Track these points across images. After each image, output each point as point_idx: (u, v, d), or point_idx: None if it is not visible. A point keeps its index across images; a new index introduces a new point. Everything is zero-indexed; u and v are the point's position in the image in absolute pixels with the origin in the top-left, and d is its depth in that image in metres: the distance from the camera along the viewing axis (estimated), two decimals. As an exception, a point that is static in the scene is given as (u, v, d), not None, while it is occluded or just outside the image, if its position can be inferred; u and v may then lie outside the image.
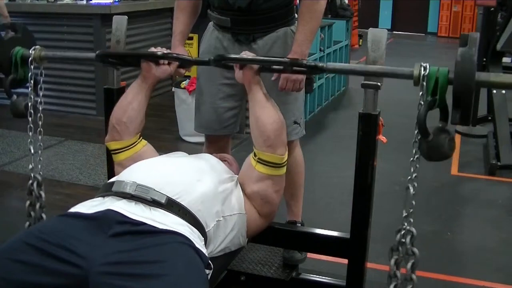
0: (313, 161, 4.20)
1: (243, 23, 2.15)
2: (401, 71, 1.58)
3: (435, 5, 12.97)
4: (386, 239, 1.70)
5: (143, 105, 1.91)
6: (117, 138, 1.87)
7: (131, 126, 1.87)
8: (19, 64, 1.93)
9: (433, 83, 1.43)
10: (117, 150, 1.87)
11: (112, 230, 1.39)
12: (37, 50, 1.94)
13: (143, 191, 1.51)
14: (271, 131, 1.77)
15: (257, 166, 1.78)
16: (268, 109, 1.81)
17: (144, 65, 1.91)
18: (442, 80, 1.43)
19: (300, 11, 2.13)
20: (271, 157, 1.77)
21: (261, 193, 1.78)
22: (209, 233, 1.57)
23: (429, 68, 1.47)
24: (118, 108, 1.90)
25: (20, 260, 1.34)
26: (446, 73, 1.44)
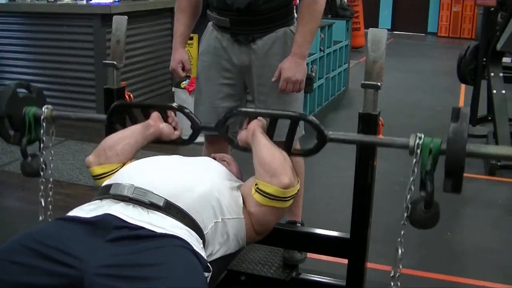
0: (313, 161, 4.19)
1: (242, 24, 2.15)
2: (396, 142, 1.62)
3: (435, 5, 12.97)
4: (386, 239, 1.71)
5: (138, 145, 1.87)
6: (103, 162, 1.81)
7: (121, 156, 1.82)
8: (32, 124, 1.93)
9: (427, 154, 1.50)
10: (100, 175, 1.81)
11: (110, 235, 1.39)
12: (48, 110, 1.94)
13: (141, 194, 1.51)
14: (273, 162, 1.68)
15: (255, 194, 1.68)
16: (272, 149, 1.73)
17: (153, 114, 1.91)
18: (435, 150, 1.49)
19: (299, 12, 2.14)
20: (272, 189, 1.65)
21: (256, 217, 1.71)
22: (208, 235, 1.57)
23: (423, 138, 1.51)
24: (115, 136, 1.87)
25: (17, 261, 1.34)
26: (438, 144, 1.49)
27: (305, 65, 2.16)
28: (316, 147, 1.75)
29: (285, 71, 2.10)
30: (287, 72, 2.09)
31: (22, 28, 5.46)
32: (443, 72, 7.77)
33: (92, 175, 1.84)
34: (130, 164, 1.75)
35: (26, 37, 5.57)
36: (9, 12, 5.54)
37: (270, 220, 1.74)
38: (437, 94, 6.68)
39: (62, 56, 5.42)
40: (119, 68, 2.06)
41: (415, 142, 1.51)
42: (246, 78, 2.26)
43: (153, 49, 5.85)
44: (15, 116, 1.92)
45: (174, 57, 2.31)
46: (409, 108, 6.00)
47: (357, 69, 7.38)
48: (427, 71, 8.46)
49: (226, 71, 2.24)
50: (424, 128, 1.59)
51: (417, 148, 1.51)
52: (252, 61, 2.21)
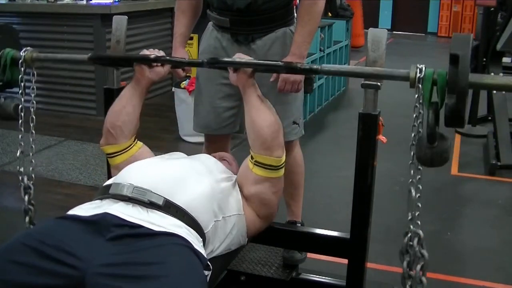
0: (313, 161, 4.20)
1: (242, 24, 2.15)
2: (396, 73, 1.57)
3: (435, 5, 12.96)
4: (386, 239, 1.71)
5: (137, 108, 1.89)
6: (112, 142, 1.86)
7: (126, 130, 1.85)
8: (7, 66, 1.89)
9: (429, 86, 1.43)
10: (113, 154, 1.87)
11: (110, 234, 1.39)
12: (28, 52, 1.90)
13: (140, 193, 1.51)
14: (267, 133, 1.75)
15: (254, 168, 1.77)
16: (264, 112, 1.79)
17: (137, 68, 1.90)
18: (441, 82, 1.43)
19: (299, 13, 2.14)
20: (268, 160, 1.76)
21: (259, 195, 1.77)
22: (208, 234, 1.57)
23: (425, 70, 1.47)
24: (112, 112, 1.88)
25: (17, 261, 1.34)
26: (444, 75, 1.43)
27: None
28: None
29: None
30: None
31: (22, 28, 5.46)
32: (443, 72, 7.76)
33: (105, 153, 1.89)
34: (130, 165, 1.75)
35: (26, 37, 5.57)
36: (9, 12, 5.54)
37: (272, 196, 1.79)
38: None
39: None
40: (119, 68, 2.06)
41: (415, 74, 1.46)
42: None
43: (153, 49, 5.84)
44: None
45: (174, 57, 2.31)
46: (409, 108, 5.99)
47: (357, 69, 7.36)
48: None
49: (225, 71, 2.24)
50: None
51: (417, 81, 1.45)
52: None
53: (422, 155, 1.44)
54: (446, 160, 1.43)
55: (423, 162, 1.45)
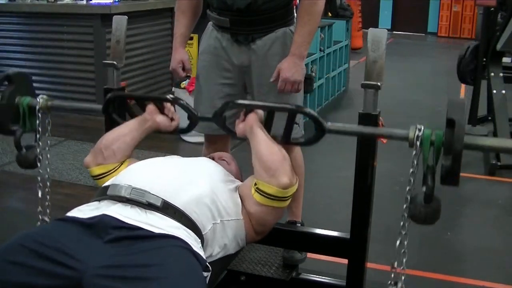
0: (313, 161, 4.20)
1: (242, 24, 2.15)
2: (396, 133, 1.59)
3: (435, 5, 12.97)
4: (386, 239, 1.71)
5: (135, 141, 1.85)
6: (100, 162, 1.80)
7: (118, 155, 1.81)
8: (27, 115, 1.88)
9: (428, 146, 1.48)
10: (100, 176, 1.80)
11: (108, 236, 1.39)
12: (44, 100, 1.89)
13: (139, 194, 1.51)
14: (272, 160, 1.67)
15: (255, 194, 1.68)
16: (271, 145, 1.72)
17: (149, 107, 1.87)
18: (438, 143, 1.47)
19: (299, 13, 2.14)
20: (271, 189, 1.66)
21: (257, 217, 1.71)
22: (206, 235, 1.56)
23: (423, 131, 1.49)
24: (110, 134, 1.85)
25: (15, 261, 1.34)
26: (441, 137, 1.46)
27: (303, 65, 2.17)
28: (314, 137, 1.73)
29: (283, 71, 2.10)
30: (286, 72, 2.10)
31: (22, 28, 5.47)
32: (443, 72, 7.77)
33: (92, 175, 1.84)
34: (128, 166, 1.74)
35: (26, 37, 5.57)
36: (9, 12, 5.54)
37: (270, 220, 1.74)
38: (437, 94, 6.67)
39: (62, 56, 5.42)
40: (119, 68, 2.06)
41: (414, 134, 1.49)
42: (246, 78, 2.26)
43: (153, 49, 5.85)
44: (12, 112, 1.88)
45: (174, 57, 2.31)
46: (409, 108, 6.00)
47: (357, 69, 7.37)
48: (427, 71, 8.46)
49: (226, 71, 2.25)
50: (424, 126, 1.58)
51: (416, 140, 1.48)
52: (251, 61, 2.21)
53: (417, 213, 1.48)
54: (437, 219, 1.49)
55: (416, 219, 1.49)
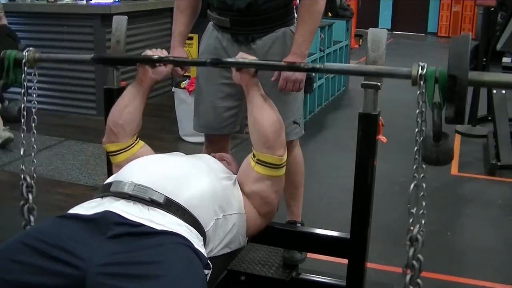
0: (313, 161, 4.20)
1: (242, 24, 2.15)
2: (398, 71, 1.57)
3: (435, 5, 12.97)
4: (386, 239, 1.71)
5: (139, 108, 1.91)
6: (114, 140, 1.88)
7: (128, 128, 1.87)
8: (11, 68, 1.89)
9: (432, 84, 1.44)
10: (115, 152, 1.88)
11: (110, 232, 1.39)
12: (31, 52, 1.89)
13: (141, 191, 1.51)
14: (269, 132, 1.77)
15: (256, 167, 1.78)
16: (267, 111, 1.81)
17: (140, 69, 1.91)
18: (442, 80, 1.43)
19: (299, 12, 2.13)
20: (270, 158, 1.77)
21: (260, 194, 1.78)
22: (208, 232, 1.57)
23: (426, 67, 1.47)
24: (114, 111, 1.90)
25: (17, 260, 1.34)
26: (446, 74, 1.43)
27: None
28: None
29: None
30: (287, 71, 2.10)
31: (22, 28, 5.46)
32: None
33: (107, 151, 1.90)
34: (131, 162, 1.75)
35: (26, 37, 5.57)
36: (9, 12, 5.52)
37: (273, 194, 1.81)
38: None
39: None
40: (119, 68, 2.06)
41: (417, 71, 1.46)
42: None
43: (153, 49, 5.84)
44: None
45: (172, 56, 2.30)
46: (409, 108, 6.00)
47: (357, 69, 7.37)
48: (427, 71, 8.43)
49: (226, 71, 2.24)
50: None
51: (419, 79, 1.45)
52: None
53: (429, 154, 1.44)
54: (451, 158, 1.45)
55: (429, 161, 1.45)
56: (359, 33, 10.20)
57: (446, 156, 1.44)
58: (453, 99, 1.39)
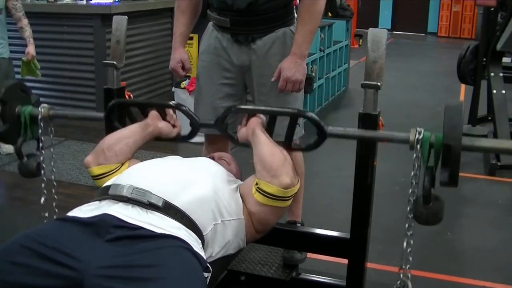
0: (313, 161, 4.20)
1: (242, 24, 2.15)
2: (397, 136, 1.62)
3: (435, 5, 12.97)
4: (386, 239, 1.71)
5: (137, 146, 1.85)
6: (102, 162, 1.80)
7: (120, 157, 1.81)
8: (28, 124, 1.90)
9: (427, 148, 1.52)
10: (100, 176, 1.80)
11: (109, 235, 1.38)
12: (45, 109, 1.90)
13: (140, 194, 1.51)
14: (273, 160, 1.68)
15: (256, 194, 1.68)
16: (273, 147, 1.73)
17: (151, 113, 1.89)
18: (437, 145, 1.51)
19: (299, 12, 2.14)
20: (272, 188, 1.66)
21: (257, 216, 1.71)
22: (207, 236, 1.56)
23: (423, 133, 1.53)
24: (113, 136, 1.86)
25: (16, 262, 1.34)
26: (441, 139, 1.49)
27: (304, 65, 2.17)
28: (316, 142, 1.75)
29: (284, 71, 2.10)
30: (287, 71, 2.10)
31: (22, 28, 5.45)
32: (443, 72, 7.77)
33: (92, 175, 1.83)
34: (130, 166, 1.74)
35: (26, 37, 5.57)
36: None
37: (271, 219, 1.74)
38: (437, 94, 6.68)
39: (62, 56, 5.42)
40: (119, 68, 2.06)
41: (415, 136, 1.53)
42: (246, 78, 2.26)
43: (153, 49, 5.85)
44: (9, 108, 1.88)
45: (173, 56, 2.31)
46: (409, 108, 6.00)
47: (357, 69, 7.38)
48: (427, 71, 8.45)
49: (226, 71, 2.25)
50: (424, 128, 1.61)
51: (417, 143, 1.52)
52: (252, 61, 2.21)
53: (418, 214, 1.53)
54: (440, 219, 1.54)
55: (418, 221, 1.54)
56: (359, 33, 10.21)
57: (435, 218, 1.53)
58: (447, 165, 1.47)
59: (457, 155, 1.45)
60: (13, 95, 1.90)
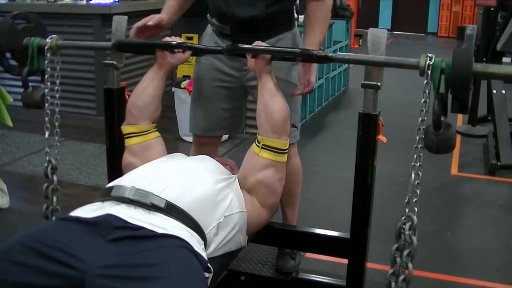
0: (313, 161, 4.20)
1: (243, 32, 2.09)
2: (407, 62, 1.63)
3: (435, 5, 12.97)
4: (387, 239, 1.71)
5: (158, 91, 1.96)
6: (132, 122, 1.92)
7: (146, 111, 1.92)
8: (35, 54, 1.95)
9: (438, 74, 1.50)
10: (130, 134, 1.92)
11: (111, 235, 1.39)
12: (53, 39, 1.97)
13: (142, 196, 1.51)
14: (278, 117, 1.81)
15: (261, 152, 1.80)
16: (277, 98, 1.84)
17: (159, 53, 1.96)
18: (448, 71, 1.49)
19: (308, 14, 2.10)
20: (276, 143, 1.80)
21: (266, 181, 1.80)
22: (209, 235, 1.57)
23: (434, 58, 1.52)
24: (134, 93, 1.96)
25: (17, 261, 1.34)
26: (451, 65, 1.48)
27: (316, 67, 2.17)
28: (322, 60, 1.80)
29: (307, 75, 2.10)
30: (311, 76, 2.11)
31: (22, 28, 5.46)
32: (443, 72, 7.76)
33: (123, 133, 1.94)
34: (133, 169, 1.76)
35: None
36: (9, 12, 5.52)
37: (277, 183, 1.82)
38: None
39: (62, 56, 5.40)
40: (119, 68, 2.06)
41: (425, 62, 1.53)
42: (247, 79, 2.22)
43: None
44: (17, 49, 1.96)
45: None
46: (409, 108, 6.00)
47: (357, 69, 7.37)
48: (427, 71, 8.44)
49: (224, 74, 2.22)
50: None
51: (427, 69, 1.52)
52: None
53: (429, 142, 1.51)
54: (451, 147, 1.51)
55: (429, 149, 1.52)
56: (359, 33, 10.20)
57: (446, 144, 1.50)
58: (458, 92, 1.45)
59: (467, 81, 1.43)
60: None
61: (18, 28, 1.99)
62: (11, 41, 1.94)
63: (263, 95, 1.85)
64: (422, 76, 1.53)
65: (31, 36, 1.99)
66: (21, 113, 4.68)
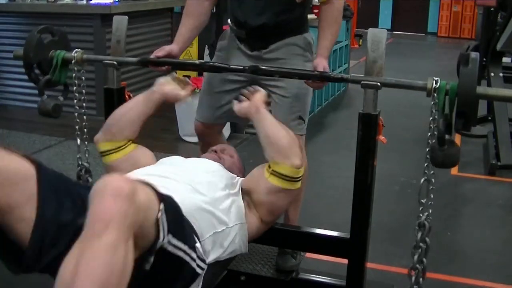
0: (313, 161, 4.18)
1: (257, 38, 2.18)
2: (415, 84, 1.70)
3: (435, 5, 12.97)
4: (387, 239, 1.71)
5: (141, 116, 1.91)
6: (109, 138, 1.88)
7: (125, 131, 1.88)
8: (58, 67, 2.00)
9: (443, 96, 1.61)
10: (107, 151, 1.88)
11: None
12: (79, 53, 2.01)
13: None
14: (283, 142, 1.76)
15: (270, 177, 1.74)
16: (279, 127, 1.80)
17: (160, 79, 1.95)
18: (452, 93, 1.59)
19: (320, 16, 2.16)
20: (286, 169, 1.73)
21: (269, 206, 1.76)
22: (205, 243, 1.57)
23: (440, 81, 1.62)
24: (118, 110, 1.93)
25: None
26: (455, 88, 1.57)
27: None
28: None
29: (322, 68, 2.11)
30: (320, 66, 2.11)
31: (22, 28, 5.46)
32: (443, 72, 7.71)
33: (99, 151, 1.91)
34: (136, 152, 1.80)
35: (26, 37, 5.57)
36: (9, 12, 5.53)
37: (281, 206, 1.80)
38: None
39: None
40: (119, 68, 2.06)
41: (432, 85, 1.61)
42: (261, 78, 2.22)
43: (153, 49, 5.78)
44: (44, 61, 2.01)
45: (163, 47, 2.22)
46: (409, 108, 6.00)
47: (357, 69, 7.38)
48: (427, 71, 8.44)
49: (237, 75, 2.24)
50: (425, 128, 1.64)
51: (434, 92, 1.61)
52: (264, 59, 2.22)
53: (434, 156, 1.60)
54: (454, 162, 1.62)
55: (434, 163, 1.61)
56: (359, 33, 10.20)
57: (450, 160, 1.60)
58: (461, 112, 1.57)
59: (470, 103, 1.54)
60: None
61: (44, 42, 2.02)
62: (38, 54, 2.00)
63: (264, 128, 1.81)
64: (429, 97, 1.63)
65: (56, 49, 2.04)
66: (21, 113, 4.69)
